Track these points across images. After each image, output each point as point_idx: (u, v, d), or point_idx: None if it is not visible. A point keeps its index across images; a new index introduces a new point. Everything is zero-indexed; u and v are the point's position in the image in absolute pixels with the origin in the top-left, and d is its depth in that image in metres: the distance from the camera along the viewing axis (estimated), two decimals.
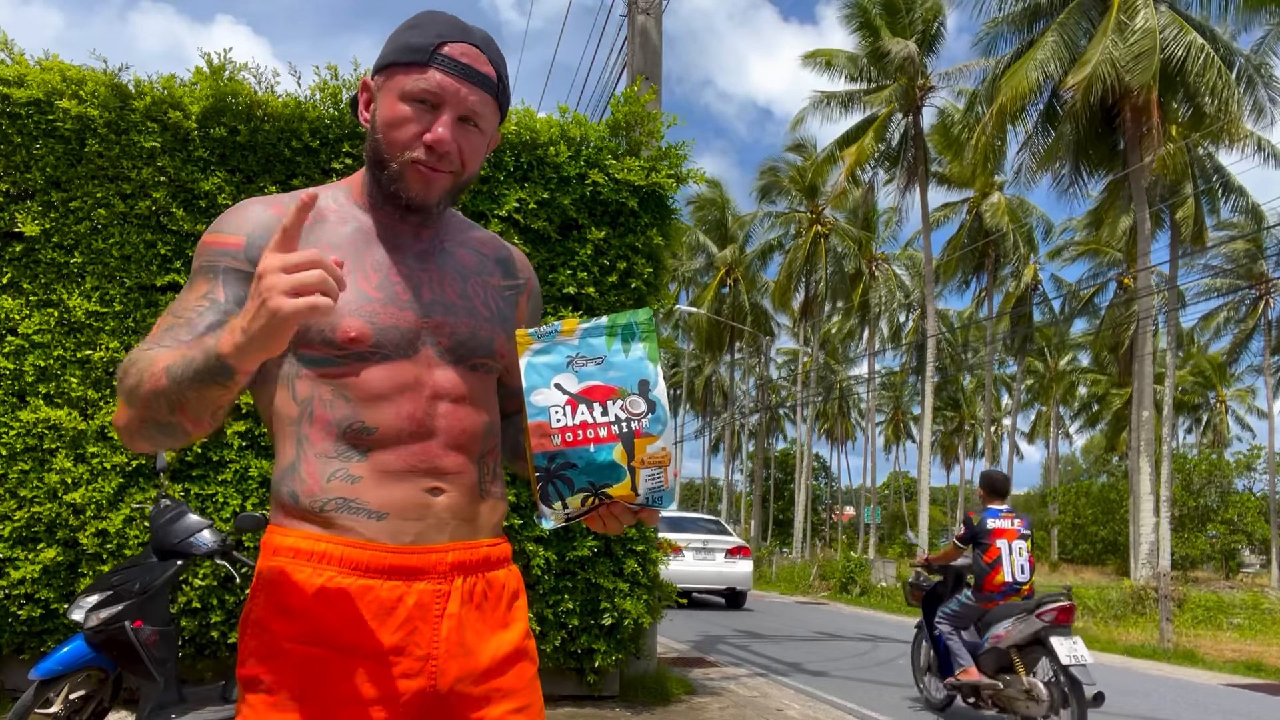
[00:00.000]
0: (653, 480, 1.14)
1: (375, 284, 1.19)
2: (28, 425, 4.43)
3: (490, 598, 1.24)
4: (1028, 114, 21.20)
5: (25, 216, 4.58)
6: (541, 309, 1.46)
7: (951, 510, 60.60)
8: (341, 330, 1.15)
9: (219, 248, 1.18)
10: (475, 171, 1.27)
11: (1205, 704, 7.72)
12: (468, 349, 1.24)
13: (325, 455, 1.16)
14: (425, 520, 1.18)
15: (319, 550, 1.14)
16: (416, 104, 1.18)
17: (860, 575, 22.01)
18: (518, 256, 1.42)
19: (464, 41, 1.20)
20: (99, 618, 3.45)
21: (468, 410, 1.23)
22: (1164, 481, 21.13)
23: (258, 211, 1.21)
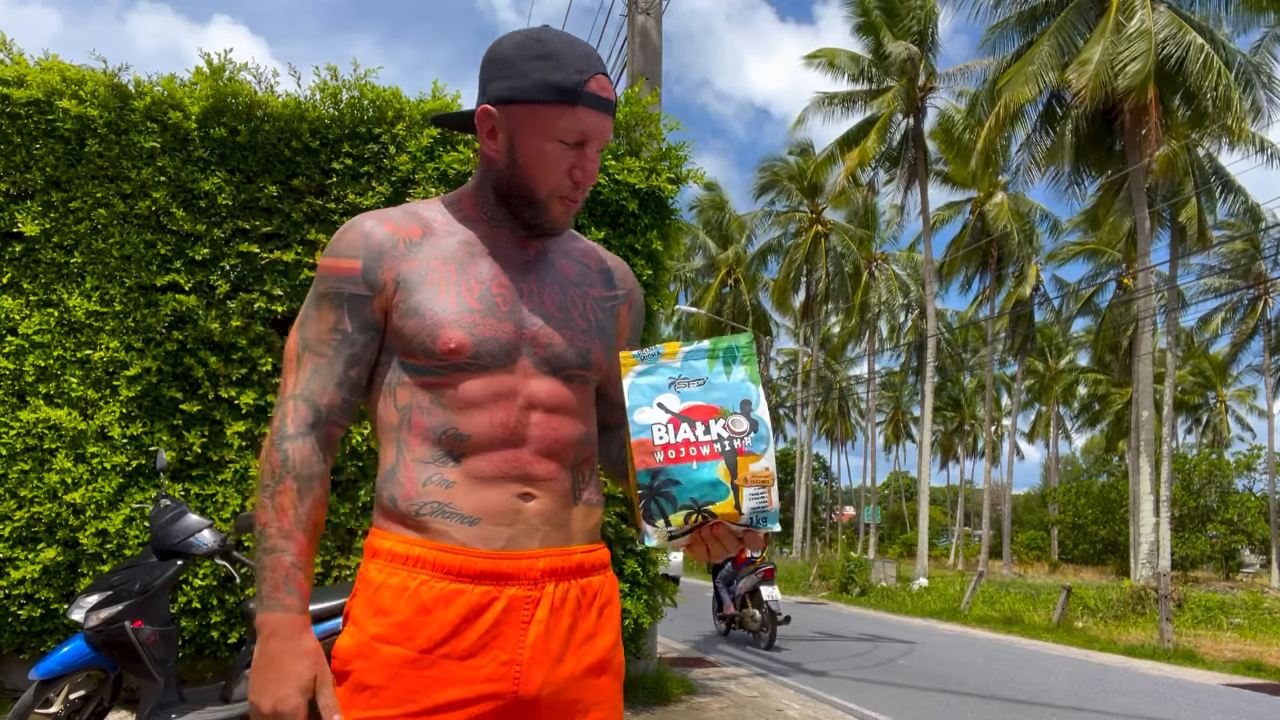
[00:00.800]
0: (756, 500, 1.14)
1: (477, 296, 1.23)
2: (28, 425, 4.43)
3: (583, 605, 1.25)
4: (1027, 114, 21.21)
5: (25, 216, 4.58)
6: (644, 320, 1.47)
7: (951, 510, 60.59)
8: (442, 341, 1.19)
9: (339, 273, 1.23)
10: None
11: (1205, 704, 7.72)
12: (563, 360, 1.26)
13: (421, 460, 1.20)
14: (516, 526, 1.20)
15: (414, 555, 1.18)
16: (563, 143, 1.22)
17: (860, 575, 22.00)
18: (620, 267, 1.43)
19: (600, 73, 1.23)
20: (99, 618, 3.45)
21: (561, 419, 1.25)
22: (1164, 481, 21.13)
23: (369, 229, 1.25)
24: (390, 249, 1.24)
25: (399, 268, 1.23)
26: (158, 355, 4.57)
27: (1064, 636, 13.49)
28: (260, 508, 1.17)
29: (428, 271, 1.23)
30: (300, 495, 1.17)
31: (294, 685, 1.10)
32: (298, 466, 1.17)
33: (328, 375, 1.22)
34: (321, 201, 4.78)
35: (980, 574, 20.18)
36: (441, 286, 1.22)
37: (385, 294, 1.23)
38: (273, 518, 1.16)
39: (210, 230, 4.64)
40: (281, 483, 1.16)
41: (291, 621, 1.13)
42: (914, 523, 52.12)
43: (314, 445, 1.20)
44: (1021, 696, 7.50)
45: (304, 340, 1.23)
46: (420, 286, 1.22)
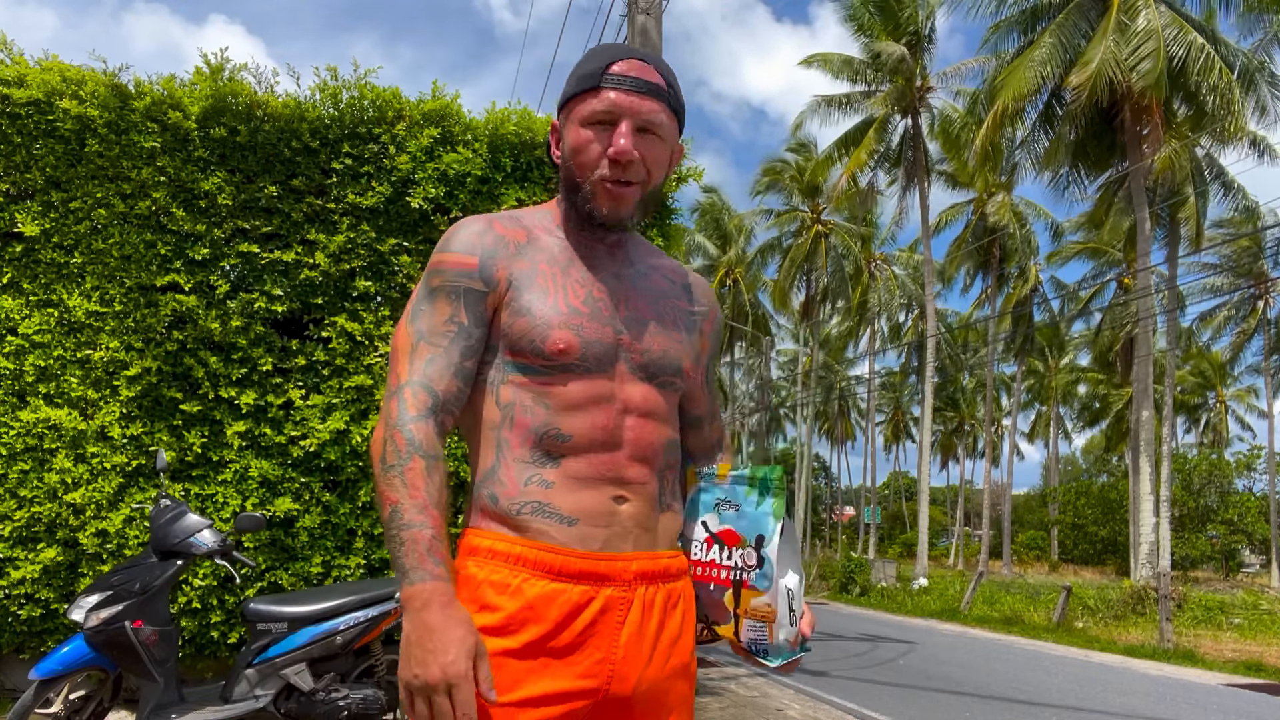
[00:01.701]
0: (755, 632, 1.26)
1: (582, 299, 1.26)
2: (28, 425, 4.43)
3: (668, 608, 1.28)
4: (1027, 113, 21.20)
5: (25, 216, 4.58)
6: (721, 333, 1.50)
7: (951, 510, 60.57)
8: (551, 342, 1.22)
9: (457, 268, 1.26)
10: (660, 182, 1.31)
11: (1205, 704, 7.71)
12: (658, 367, 1.30)
13: (522, 460, 1.23)
14: (611, 528, 1.23)
15: (515, 553, 1.20)
16: (597, 126, 1.25)
17: (860, 575, 22.01)
18: (699, 284, 1.47)
19: (630, 58, 1.26)
20: (99, 618, 3.45)
21: (653, 425, 1.29)
22: (1164, 481, 21.12)
23: (482, 229, 1.29)
24: (503, 249, 1.28)
25: (511, 267, 1.27)
26: (158, 355, 4.57)
27: (1064, 636, 13.49)
28: (388, 486, 1.15)
29: (536, 273, 1.27)
30: (429, 472, 1.16)
31: (461, 649, 1.07)
32: (424, 445, 1.17)
33: (444, 363, 1.23)
34: (321, 201, 4.78)
35: (980, 574, 20.19)
36: (550, 288, 1.26)
37: (498, 291, 1.26)
38: (405, 495, 1.14)
39: (210, 230, 4.64)
40: (410, 460, 1.16)
41: (445, 590, 1.12)
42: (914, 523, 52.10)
43: (433, 428, 1.19)
44: (1021, 696, 7.50)
45: (418, 331, 1.25)
46: (530, 287, 1.25)
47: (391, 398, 1.21)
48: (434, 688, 1.06)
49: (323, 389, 4.67)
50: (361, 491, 4.70)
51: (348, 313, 4.74)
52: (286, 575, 4.55)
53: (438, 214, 4.84)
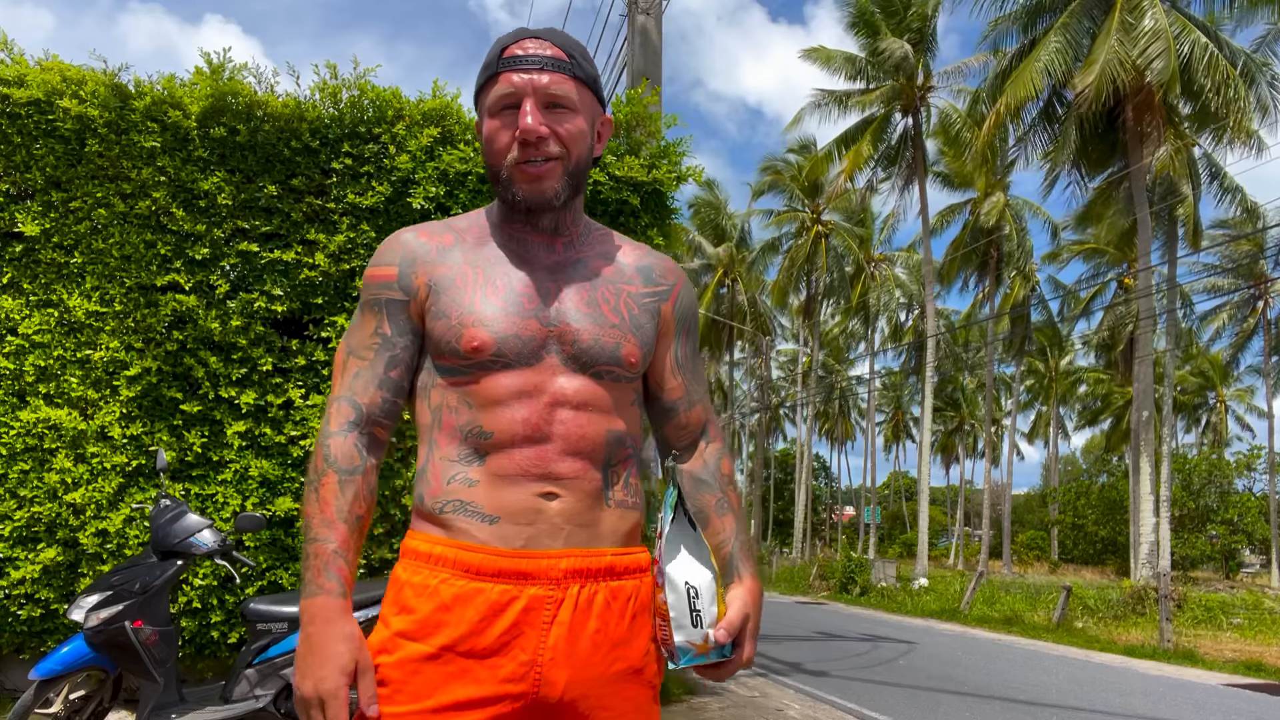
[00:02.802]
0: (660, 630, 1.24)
1: (502, 295, 1.24)
2: (28, 425, 4.43)
3: (613, 608, 1.23)
4: (1027, 113, 21.20)
5: (25, 216, 4.58)
6: (692, 312, 1.43)
7: (951, 510, 60.56)
8: (465, 340, 1.21)
9: (378, 282, 1.29)
10: (585, 155, 1.28)
11: (1205, 704, 7.71)
12: (591, 356, 1.25)
13: (448, 459, 1.22)
14: (536, 525, 1.20)
15: (435, 553, 1.20)
16: (504, 112, 1.24)
17: (860, 575, 22.01)
18: (664, 263, 1.41)
19: (524, 38, 1.25)
20: (99, 618, 3.45)
21: (590, 417, 1.24)
22: (1164, 481, 21.12)
23: (406, 239, 1.30)
24: (424, 255, 1.28)
25: (432, 273, 1.27)
26: (158, 355, 4.57)
27: (1064, 636, 13.49)
28: (305, 501, 1.21)
29: (456, 275, 1.26)
30: (341, 487, 1.20)
31: (334, 666, 1.11)
32: (339, 460, 1.21)
33: (369, 376, 1.26)
34: (321, 201, 4.78)
35: (980, 574, 20.19)
36: (468, 288, 1.25)
37: (419, 298, 1.26)
38: (315, 509, 1.19)
39: (210, 230, 4.64)
40: (324, 476, 1.20)
41: (332, 605, 1.14)
42: (914, 523, 52.09)
43: (355, 441, 1.23)
44: (1021, 696, 7.50)
45: (349, 346, 1.29)
46: (448, 289, 1.25)
47: (324, 413, 1.27)
48: (309, 702, 1.10)
49: (323, 389, 4.67)
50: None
51: (348, 313, 4.74)
52: (286, 575, 4.55)
53: (438, 213, 4.83)
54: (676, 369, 1.38)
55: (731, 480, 1.39)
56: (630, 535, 1.29)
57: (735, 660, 1.25)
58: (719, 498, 1.36)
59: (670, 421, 1.39)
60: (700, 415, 1.41)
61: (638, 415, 1.34)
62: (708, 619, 1.21)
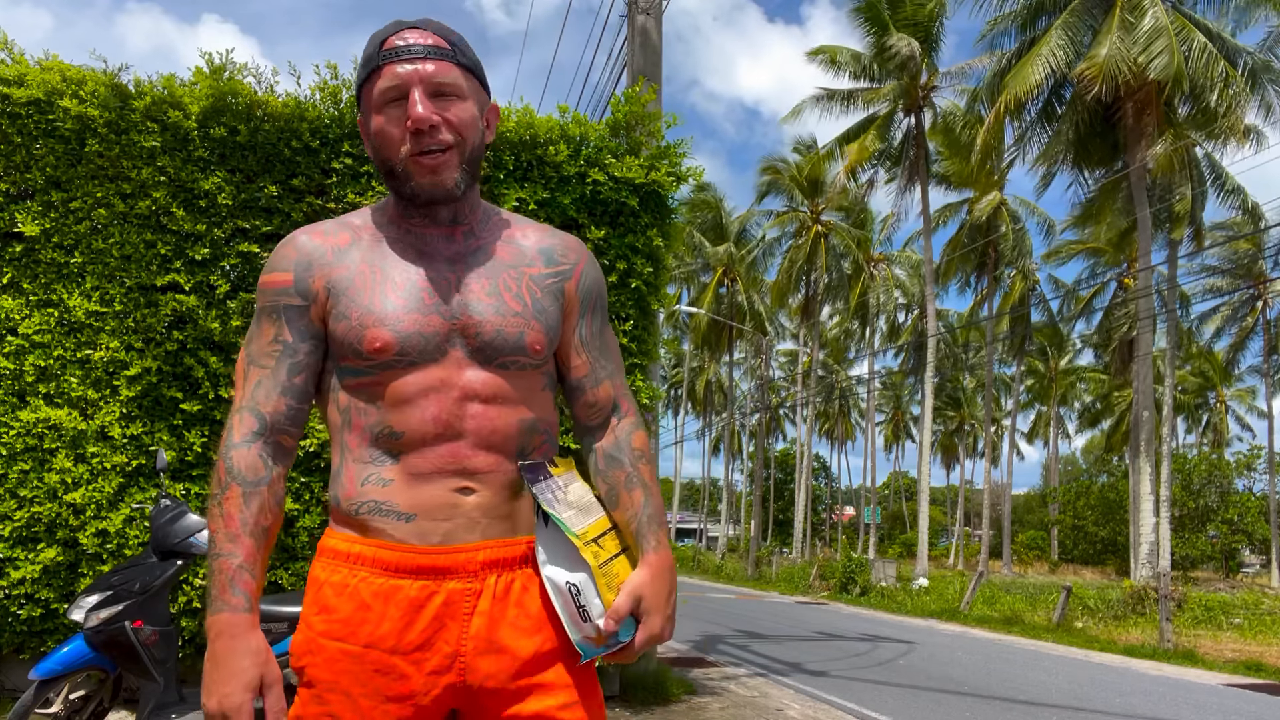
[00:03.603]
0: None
1: (402, 292, 1.23)
2: (28, 425, 4.43)
3: (531, 592, 1.24)
4: (1027, 112, 21.21)
5: (25, 216, 4.58)
6: (598, 288, 1.40)
7: (951, 510, 60.56)
8: (367, 341, 1.20)
9: (274, 288, 1.26)
10: (476, 140, 1.27)
11: (1205, 704, 7.71)
12: (494, 348, 1.24)
13: (361, 461, 1.22)
14: (454, 520, 1.20)
15: (354, 552, 1.20)
16: (389, 106, 1.22)
17: (860, 575, 22.01)
18: (566, 242, 1.38)
19: (403, 30, 1.23)
20: (99, 618, 3.45)
21: (500, 409, 1.24)
22: (1164, 481, 21.13)
23: (301, 242, 1.28)
24: (319, 258, 1.26)
25: (329, 275, 1.25)
26: (158, 355, 4.57)
27: (1064, 636, 13.49)
28: (209, 516, 1.20)
29: (354, 275, 1.24)
30: (246, 500, 1.18)
31: (238, 683, 1.10)
32: (242, 473, 1.19)
33: (271, 385, 1.24)
34: (321, 201, 4.78)
35: (980, 574, 20.19)
36: (367, 288, 1.23)
37: (319, 302, 1.25)
38: (220, 525, 1.17)
39: (210, 230, 4.64)
40: (227, 490, 1.18)
41: (237, 621, 1.13)
42: (914, 523, 52.08)
43: (259, 452, 1.21)
44: (1021, 696, 7.50)
45: (249, 355, 1.26)
46: (347, 290, 1.23)
47: (226, 423, 1.25)
48: (213, 717, 1.10)
49: None
50: None
51: None
52: (286, 575, 4.55)
53: None
54: (581, 347, 1.36)
55: (644, 454, 1.36)
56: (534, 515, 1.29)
57: (632, 643, 1.24)
58: (629, 473, 1.33)
59: (579, 399, 1.37)
60: (608, 391, 1.38)
61: (550, 399, 1.33)
62: (595, 611, 1.21)
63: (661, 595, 1.26)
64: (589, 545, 1.23)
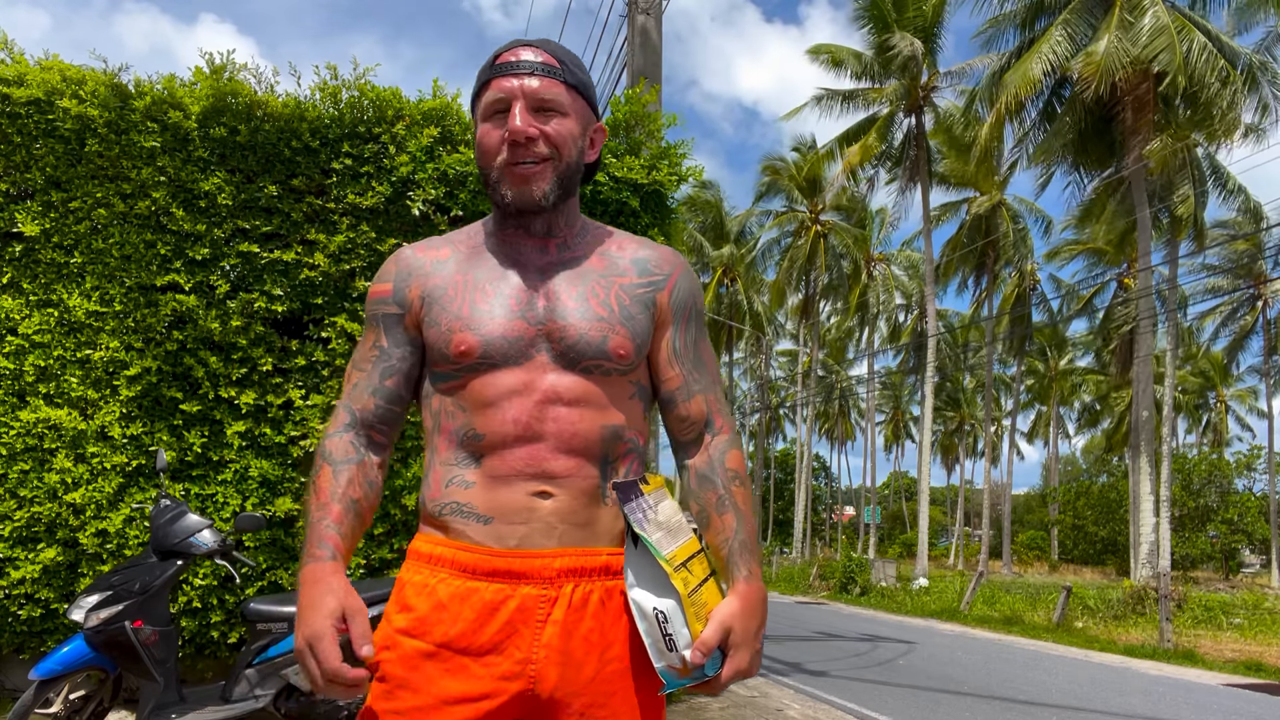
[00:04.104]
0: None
1: (490, 299, 1.27)
2: (28, 425, 4.43)
3: (609, 607, 1.23)
4: (1027, 111, 21.21)
5: (25, 216, 4.58)
6: (692, 299, 1.39)
7: (951, 510, 60.55)
8: (454, 345, 1.24)
9: (376, 298, 1.36)
10: (575, 158, 1.30)
11: (1205, 704, 7.71)
12: (577, 352, 1.25)
13: (446, 463, 1.26)
14: (530, 524, 1.21)
15: (435, 554, 1.24)
16: (493, 117, 1.27)
17: (860, 575, 22.01)
18: (661, 254, 1.39)
19: (516, 46, 1.28)
20: (99, 618, 3.45)
21: (583, 413, 1.24)
22: (1164, 481, 21.12)
23: (404, 255, 1.36)
24: (418, 269, 1.33)
25: (425, 285, 1.31)
26: (158, 355, 4.57)
27: (1064, 636, 13.49)
28: (304, 499, 1.28)
29: (448, 285, 1.29)
30: (335, 475, 1.26)
31: (319, 613, 1.14)
32: (332, 454, 1.28)
33: (365, 386, 1.33)
34: (321, 201, 4.78)
35: (980, 574, 20.19)
36: (458, 296, 1.28)
37: (414, 311, 1.31)
38: (312, 498, 1.25)
39: (210, 230, 4.64)
40: (319, 470, 1.27)
41: (320, 567, 1.18)
42: (914, 523, 52.08)
43: (351, 440, 1.30)
44: (1021, 696, 7.50)
45: (354, 360, 1.37)
46: (440, 299, 1.28)
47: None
48: (301, 652, 1.14)
49: (323, 389, 4.67)
50: None
51: (348, 313, 4.74)
52: (286, 575, 4.55)
53: (438, 214, 4.84)
54: (674, 359, 1.35)
55: (738, 475, 1.34)
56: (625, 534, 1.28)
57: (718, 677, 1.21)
58: (721, 495, 1.31)
59: (671, 413, 1.36)
60: (701, 407, 1.36)
61: (638, 409, 1.32)
62: (682, 641, 1.18)
63: (751, 629, 1.23)
64: (678, 571, 1.20)
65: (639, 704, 1.22)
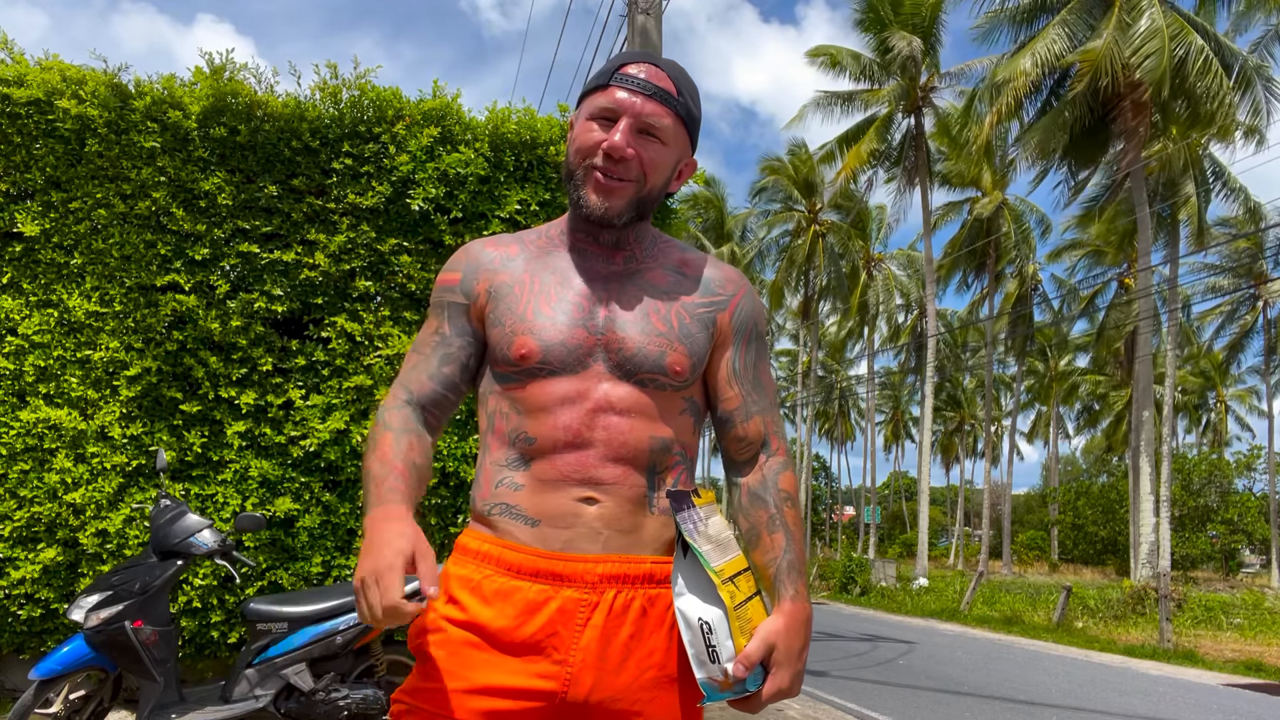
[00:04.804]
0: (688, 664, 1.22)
1: (554, 304, 1.28)
2: (28, 425, 4.43)
3: (651, 615, 1.23)
4: (1025, 111, 21.20)
5: (25, 216, 4.58)
6: (753, 321, 1.40)
7: (951, 510, 60.54)
8: (515, 348, 1.26)
9: (443, 285, 1.38)
10: (659, 186, 1.31)
11: (1205, 704, 7.71)
12: (634, 364, 1.26)
13: (497, 464, 1.27)
14: (575, 529, 1.22)
15: (483, 550, 1.25)
16: (600, 120, 1.27)
17: (860, 575, 22.01)
18: (726, 274, 1.40)
19: (644, 62, 1.29)
20: (99, 618, 3.45)
21: (633, 423, 1.25)
22: (1164, 481, 21.12)
23: (474, 248, 1.38)
24: (487, 263, 1.34)
25: (493, 280, 1.32)
26: (158, 355, 4.57)
27: (1064, 636, 13.49)
28: (365, 461, 1.27)
29: (514, 283, 1.31)
30: (396, 439, 1.26)
31: (391, 548, 1.10)
32: (394, 423, 1.29)
33: (423, 369, 1.35)
34: (321, 201, 4.78)
35: (980, 574, 20.20)
36: (523, 297, 1.29)
37: (479, 304, 1.33)
38: (374, 459, 1.24)
39: (210, 230, 4.64)
40: (381, 435, 1.27)
41: (389, 509, 1.17)
42: (914, 523, 52.08)
43: (409, 414, 1.31)
44: (1021, 696, 7.50)
45: (415, 343, 1.39)
46: (505, 297, 1.30)
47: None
48: (365, 581, 1.10)
49: (323, 389, 4.67)
50: (361, 492, 4.69)
51: (348, 313, 4.74)
52: (286, 575, 4.55)
53: (438, 214, 4.83)
54: (733, 379, 1.36)
55: (790, 497, 1.35)
56: (674, 543, 1.28)
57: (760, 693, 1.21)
58: (772, 514, 1.32)
59: (728, 433, 1.37)
60: (759, 428, 1.37)
61: (689, 425, 1.33)
62: (725, 654, 1.17)
63: (795, 648, 1.24)
64: (726, 584, 1.20)
65: (677, 713, 1.23)
